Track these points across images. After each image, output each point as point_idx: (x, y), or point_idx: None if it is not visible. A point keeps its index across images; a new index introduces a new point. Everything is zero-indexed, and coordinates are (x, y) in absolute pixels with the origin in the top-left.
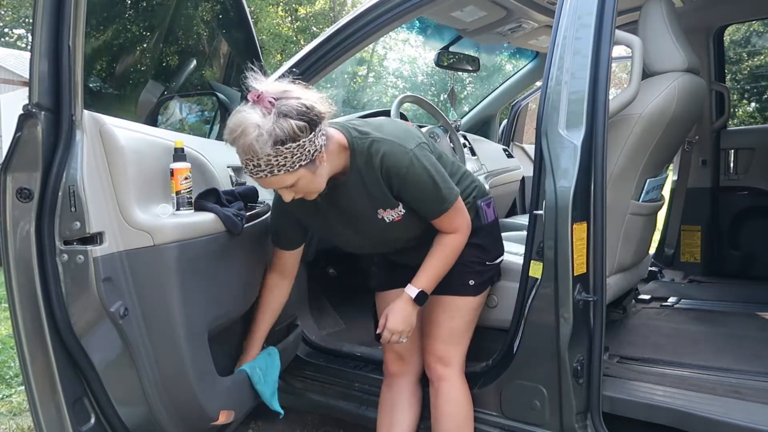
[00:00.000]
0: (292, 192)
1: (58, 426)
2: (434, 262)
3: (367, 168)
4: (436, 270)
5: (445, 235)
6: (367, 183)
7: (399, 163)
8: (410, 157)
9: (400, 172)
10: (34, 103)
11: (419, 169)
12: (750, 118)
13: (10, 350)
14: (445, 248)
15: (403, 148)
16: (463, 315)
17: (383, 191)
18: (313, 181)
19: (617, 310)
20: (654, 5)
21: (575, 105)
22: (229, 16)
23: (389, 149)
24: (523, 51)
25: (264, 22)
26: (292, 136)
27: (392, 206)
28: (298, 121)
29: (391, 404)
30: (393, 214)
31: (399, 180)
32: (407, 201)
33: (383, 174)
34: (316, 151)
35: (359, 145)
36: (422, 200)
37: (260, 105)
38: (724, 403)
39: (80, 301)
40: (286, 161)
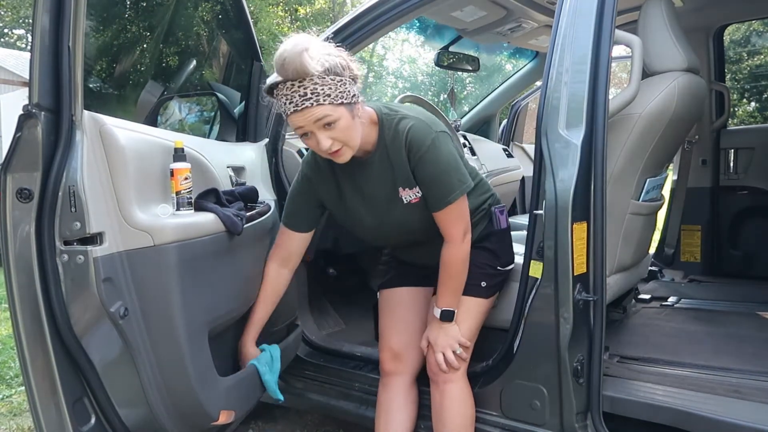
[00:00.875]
0: (331, 135)
1: (58, 426)
2: (445, 281)
3: (393, 142)
4: (450, 286)
5: (445, 250)
6: (392, 158)
7: (422, 139)
8: (433, 137)
9: (420, 148)
10: (34, 103)
11: (438, 151)
12: (750, 117)
13: (10, 350)
14: (447, 267)
15: (429, 128)
16: (472, 316)
17: (406, 167)
18: (352, 129)
19: (617, 310)
20: (654, 5)
21: (575, 105)
22: (229, 16)
23: (416, 124)
24: (523, 51)
25: (264, 22)
26: (338, 71)
27: (411, 185)
28: (342, 60)
29: (388, 404)
30: (411, 194)
31: (418, 156)
32: (420, 181)
33: (407, 148)
34: (355, 97)
35: (388, 121)
36: (432, 184)
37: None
38: (725, 403)
39: (80, 301)
40: (331, 91)
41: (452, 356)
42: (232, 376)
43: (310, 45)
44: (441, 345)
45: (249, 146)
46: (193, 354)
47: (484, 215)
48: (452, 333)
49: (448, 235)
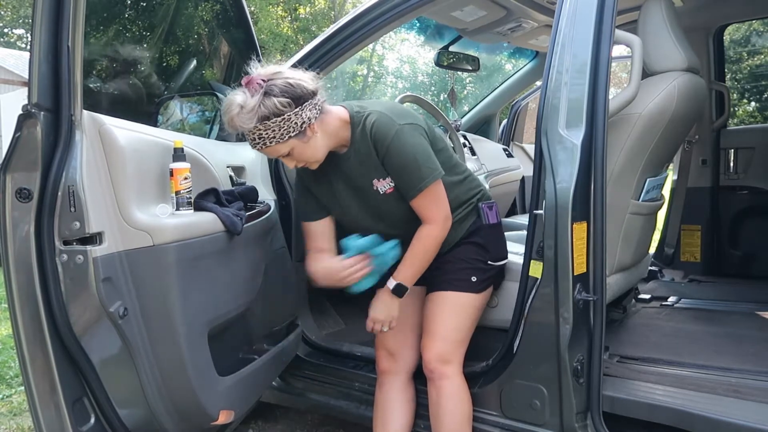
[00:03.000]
0: (292, 160)
1: (57, 426)
2: (411, 255)
3: (362, 138)
4: (414, 262)
5: (422, 228)
6: (362, 153)
7: (386, 133)
8: (396, 129)
9: (385, 141)
10: (33, 103)
11: (402, 142)
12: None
13: (10, 350)
14: (421, 241)
15: (393, 121)
16: (465, 312)
17: (375, 159)
18: (308, 150)
19: (617, 310)
20: (654, 5)
21: (575, 105)
22: (229, 16)
23: (378, 119)
24: (523, 51)
25: (264, 22)
26: (276, 112)
27: (382, 176)
28: (281, 98)
29: (384, 404)
30: (385, 185)
31: (383, 149)
32: (390, 172)
33: (372, 141)
34: (304, 123)
35: (357, 118)
36: (401, 174)
37: (249, 87)
38: (724, 403)
39: (80, 301)
40: (275, 133)
41: (378, 329)
42: (232, 376)
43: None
44: (380, 318)
45: (249, 146)
46: (193, 354)
47: (471, 210)
48: (391, 311)
49: (426, 218)
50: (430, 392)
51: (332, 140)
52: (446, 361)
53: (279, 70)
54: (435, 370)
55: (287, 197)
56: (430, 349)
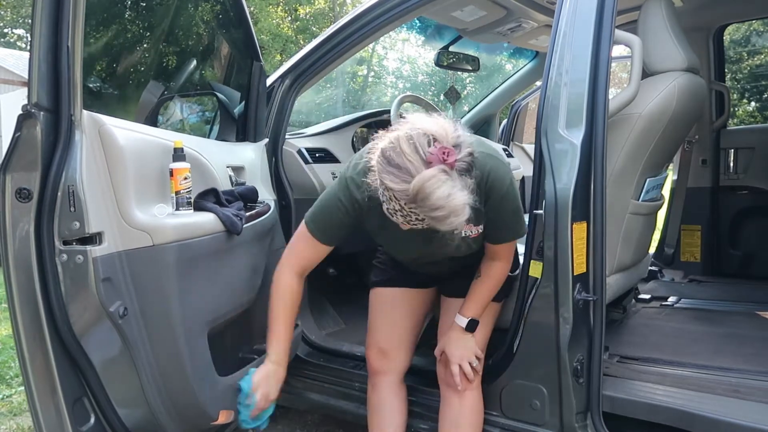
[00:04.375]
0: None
1: (57, 426)
2: (481, 292)
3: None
4: (484, 299)
5: (492, 264)
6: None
7: (503, 180)
8: (510, 178)
9: (501, 188)
10: (33, 103)
11: (514, 192)
12: (750, 117)
13: (10, 350)
14: (493, 279)
15: (506, 168)
16: (490, 321)
17: (479, 206)
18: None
19: (617, 310)
20: (654, 5)
21: (575, 105)
22: (229, 16)
23: (496, 166)
24: (523, 51)
25: (264, 23)
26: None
27: (477, 222)
28: (471, 180)
29: (379, 406)
30: (473, 230)
31: (498, 197)
32: (490, 219)
33: (485, 187)
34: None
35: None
36: (504, 222)
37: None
38: (724, 403)
39: (79, 301)
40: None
41: (468, 368)
42: (231, 376)
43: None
44: (458, 356)
45: (249, 146)
46: (193, 354)
47: None
48: (471, 345)
49: (500, 257)
50: (451, 400)
51: None
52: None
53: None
54: (462, 381)
55: (287, 197)
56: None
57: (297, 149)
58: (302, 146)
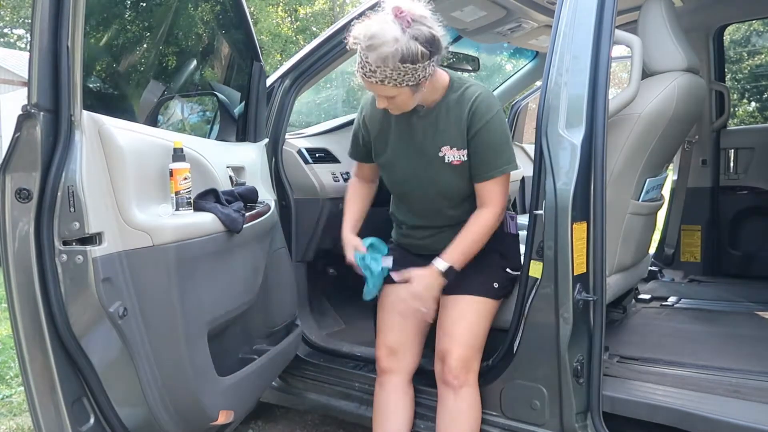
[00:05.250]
0: (390, 105)
1: (57, 426)
2: (465, 240)
3: (457, 104)
4: (467, 247)
5: (480, 211)
6: (449, 116)
7: (490, 107)
8: (499, 109)
9: (486, 115)
10: (33, 103)
11: (501, 122)
12: (750, 117)
13: (10, 350)
14: (477, 227)
15: (495, 102)
16: (486, 318)
17: (461, 129)
18: (408, 101)
19: (617, 310)
20: (654, 5)
21: (575, 105)
22: (229, 16)
23: (486, 94)
24: (523, 51)
25: (264, 23)
26: (414, 59)
27: (459, 146)
28: (423, 48)
29: (385, 404)
30: (455, 155)
31: (482, 122)
32: (475, 147)
33: (471, 111)
34: (424, 78)
35: (458, 85)
36: (487, 151)
37: (399, 19)
38: (724, 403)
39: (79, 301)
40: (398, 77)
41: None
42: (231, 376)
43: (395, 38)
44: (423, 295)
45: (249, 146)
46: (193, 354)
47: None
48: (435, 291)
49: (488, 202)
50: (447, 398)
51: (426, 95)
52: (469, 368)
53: (424, 14)
54: (459, 377)
55: (287, 197)
56: (456, 354)
57: (297, 149)
58: (302, 146)
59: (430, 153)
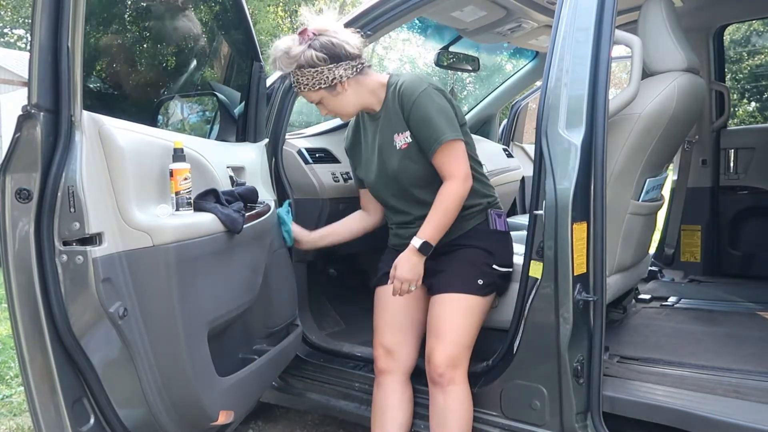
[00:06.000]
0: (324, 108)
1: (57, 426)
2: (434, 213)
3: (392, 97)
4: (436, 219)
5: (443, 186)
6: (390, 111)
7: (413, 90)
8: (423, 89)
9: (411, 97)
10: (33, 103)
11: (427, 99)
12: (750, 117)
13: (10, 350)
14: (442, 198)
15: (421, 82)
16: (472, 315)
17: (399, 115)
18: (336, 103)
19: (617, 310)
20: (654, 5)
21: (575, 105)
22: (229, 16)
23: (408, 80)
24: (523, 51)
25: (263, 23)
26: (311, 64)
27: (402, 129)
28: (319, 53)
29: (383, 404)
30: (401, 139)
31: (409, 104)
32: (413, 127)
33: (399, 98)
34: (335, 80)
35: (392, 81)
36: (422, 127)
37: (301, 35)
38: (724, 403)
39: (79, 301)
40: (308, 81)
41: (406, 289)
42: (231, 376)
43: (287, 50)
44: (407, 277)
45: (249, 146)
46: (193, 354)
47: (480, 212)
48: (419, 269)
49: (447, 174)
50: (436, 396)
51: (366, 99)
52: (456, 365)
53: (331, 28)
54: (445, 374)
55: (287, 197)
56: (440, 352)
57: (297, 149)
58: (302, 146)
59: (387, 147)
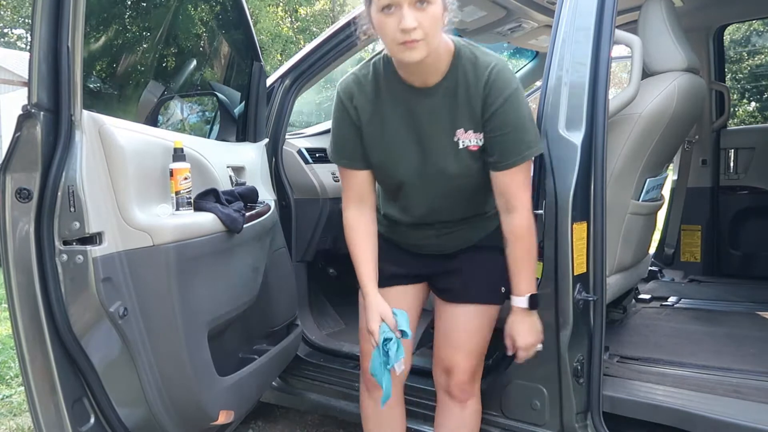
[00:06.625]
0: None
1: (57, 426)
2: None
3: (472, 77)
4: (527, 266)
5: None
6: (461, 93)
7: (508, 83)
8: (517, 84)
9: (505, 92)
10: (33, 103)
11: (521, 99)
12: (750, 117)
13: (10, 350)
14: (522, 238)
15: (513, 75)
16: (491, 325)
17: (475, 108)
18: (437, 24)
19: (617, 310)
20: (654, 5)
21: (575, 105)
22: (229, 16)
23: (503, 67)
24: (523, 51)
25: (264, 23)
26: None
27: (476, 129)
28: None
29: (378, 416)
30: (471, 139)
31: (500, 100)
32: (493, 129)
33: (487, 87)
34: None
35: (466, 54)
36: (509, 133)
37: None
38: (724, 403)
39: (79, 301)
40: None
41: (532, 354)
42: (231, 376)
43: None
44: (532, 342)
45: (249, 146)
46: (193, 354)
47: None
48: (539, 327)
49: (516, 199)
50: (452, 410)
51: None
52: (476, 379)
53: None
54: (466, 390)
55: (287, 197)
56: (465, 367)
57: (297, 149)
58: (302, 146)
59: (441, 139)
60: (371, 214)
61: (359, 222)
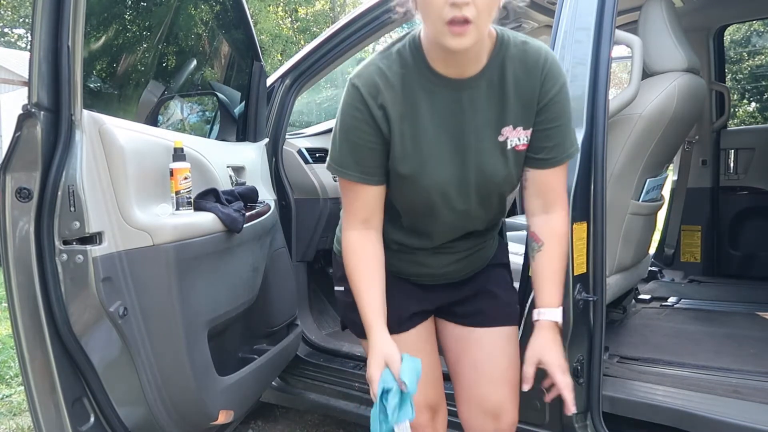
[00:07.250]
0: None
1: (57, 426)
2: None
3: (523, 65)
4: (560, 275)
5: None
6: (509, 83)
7: (561, 71)
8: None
9: (560, 79)
10: (33, 102)
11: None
12: (750, 117)
13: (10, 350)
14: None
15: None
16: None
17: (529, 99)
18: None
19: (617, 310)
20: (654, 5)
21: (575, 105)
22: (230, 16)
23: (554, 54)
24: None
25: (264, 23)
26: None
27: (525, 125)
28: None
29: None
30: (520, 137)
31: (557, 87)
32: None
33: (543, 74)
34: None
35: (514, 41)
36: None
37: None
38: (724, 403)
39: (79, 300)
40: None
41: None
42: (231, 376)
43: None
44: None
45: (249, 146)
46: (193, 353)
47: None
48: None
49: (559, 198)
50: None
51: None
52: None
53: None
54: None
55: (287, 197)
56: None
57: (297, 149)
58: (302, 146)
59: (485, 139)
60: (378, 237)
61: (364, 246)
